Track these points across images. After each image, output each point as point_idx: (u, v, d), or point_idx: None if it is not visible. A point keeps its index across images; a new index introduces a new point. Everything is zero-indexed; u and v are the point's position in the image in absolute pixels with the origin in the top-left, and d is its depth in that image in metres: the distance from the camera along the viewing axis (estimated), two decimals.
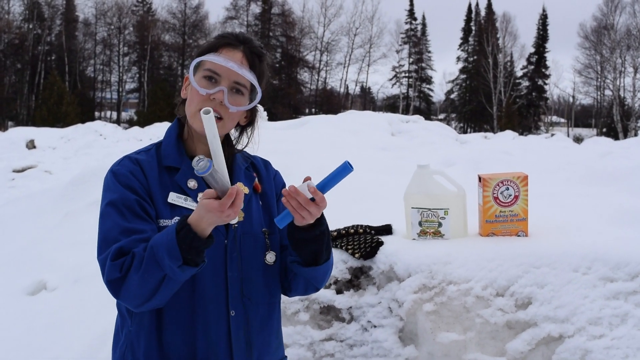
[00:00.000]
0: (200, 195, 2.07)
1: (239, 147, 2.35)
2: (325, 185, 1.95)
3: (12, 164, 19.09)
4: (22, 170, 18.39)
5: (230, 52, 2.13)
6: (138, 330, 2.11)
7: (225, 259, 2.11)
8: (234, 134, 2.34)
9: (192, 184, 2.14)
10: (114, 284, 1.93)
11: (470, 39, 79.62)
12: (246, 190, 2.20)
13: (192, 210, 2.03)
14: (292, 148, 7.95)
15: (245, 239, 2.16)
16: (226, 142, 2.26)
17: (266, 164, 2.43)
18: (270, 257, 2.20)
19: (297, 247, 2.07)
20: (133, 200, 2.04)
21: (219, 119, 2.09)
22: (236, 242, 2.14)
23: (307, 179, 1.94)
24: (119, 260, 1.92)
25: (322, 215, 2.04)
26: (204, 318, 2.09)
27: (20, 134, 26.44)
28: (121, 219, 2.00)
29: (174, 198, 2.10)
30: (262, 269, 2.20)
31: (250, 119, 2.33)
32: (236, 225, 2.14)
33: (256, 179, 2.29)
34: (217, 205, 1.79)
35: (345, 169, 1.92)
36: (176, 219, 2.06)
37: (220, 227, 2.09)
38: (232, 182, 2.18)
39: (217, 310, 2.10)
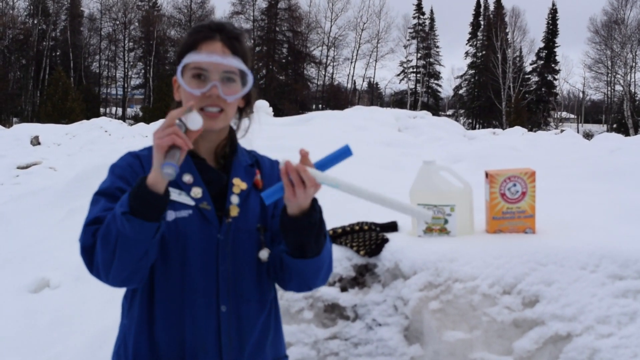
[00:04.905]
0: (194, 189, 2.10)
1: (241, 133, 2.35)
2: (324, 165, 1.91)
3: (16, 160, 19.07)
4: (27, 167, 18.39)
5: (209, 44, 2.13)
6: (130, 324, 2.12)
7: (217, 253, 2.09)
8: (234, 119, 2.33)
9: (187, 178, 2.12)
10: (87, 252, 1.93)
11: (479, 33, 79.60)
12: (243, 185, 2.19)
13: (185, 204, 2.07)
14: (295, 144, 7.93)
15: (239, 235, 2.14)
16: (230, 136, 2.27)
17: (273, 163, 2.41)
18: (264, 254, 2.17)
19: (285, 234, 2.03)
20: (122, 188, 2.05)
21: (220, 112, 2.10)
22: (229, 237, 2.12)
23: (304, 153, 1.89)
24: (94, 226, 1.93)
25: (317, 207, 1.99)
26: (193, 312, 2.07)
27: (24, 130, 26.37)
28: (106, 202, 2.01)
29: None
30: (254, 266, 2.18)
31: (247, 100, 2.32)
32: (230, 220, 2.13)
33: (258, 175, 2.27)
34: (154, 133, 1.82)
35: (345, 152, 1.89)
36: (169, 212, 2.05)
37: (213, 221, 2.10)
38: (230, 177, 2.19)
39: (207, 305, 2.09)
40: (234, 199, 2.15)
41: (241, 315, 2.15)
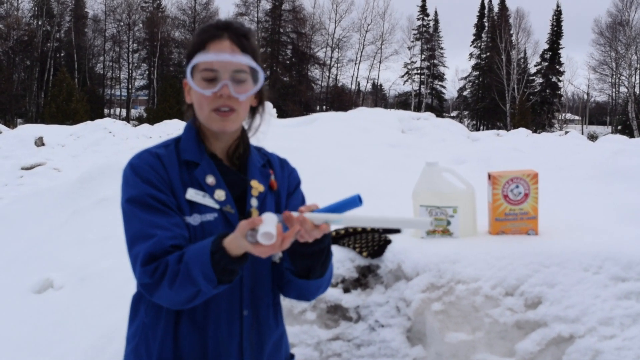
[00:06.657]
0: (217, 191, 2.08)
1: (251, 132, 2.32)
2: (330, 212, 1.86)
3: (20, 161, 19.07)
4: (31, 168, 18.40)
5: (217, 43, 2.10)
6: (154, 324, 2.08)
7: None
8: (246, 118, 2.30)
9: (210, 180, 2.10)
10: (146, 288, 1.95)
11: (483, 35, 79.42)
12: (261, 188, 2.18)
13: (210, 207, 2.04)
14: (298, 146, 7.92)
15: None
16: (242, 135, 2.25)
17: (282, 162, 2.40)
18: (278, 255, 2.17)
19: (293, 258, 2.04)
20: (154, 195, 2.01)
21: (232, 111, 2.08)
22: None
23: (313, 206, 1.89)
24: (150, 266, 1.91)
25: (327, 234, 1.98)
26: (216, 317, 2.06)
27: (29, 131, 26.36)
28: (144, 213, 1.98)
29: (192, 194, 2.06)
30: (270, 270, 2.19)
31: (259, 99, 2.30)
32: None
33: (272, 177, 2.26)
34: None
35: (353, 203, 1.84)
36: (195, 216, 2.04)
37: (236, 225, 2.03)
38: (248, 179, 2.17)
39: (230, 310, 2.08)
40: (254, 202, 2.14)
41: (260, 318, 2.15)
